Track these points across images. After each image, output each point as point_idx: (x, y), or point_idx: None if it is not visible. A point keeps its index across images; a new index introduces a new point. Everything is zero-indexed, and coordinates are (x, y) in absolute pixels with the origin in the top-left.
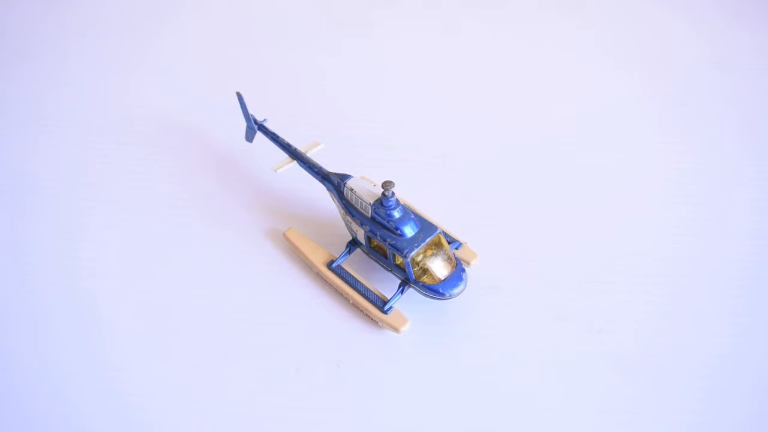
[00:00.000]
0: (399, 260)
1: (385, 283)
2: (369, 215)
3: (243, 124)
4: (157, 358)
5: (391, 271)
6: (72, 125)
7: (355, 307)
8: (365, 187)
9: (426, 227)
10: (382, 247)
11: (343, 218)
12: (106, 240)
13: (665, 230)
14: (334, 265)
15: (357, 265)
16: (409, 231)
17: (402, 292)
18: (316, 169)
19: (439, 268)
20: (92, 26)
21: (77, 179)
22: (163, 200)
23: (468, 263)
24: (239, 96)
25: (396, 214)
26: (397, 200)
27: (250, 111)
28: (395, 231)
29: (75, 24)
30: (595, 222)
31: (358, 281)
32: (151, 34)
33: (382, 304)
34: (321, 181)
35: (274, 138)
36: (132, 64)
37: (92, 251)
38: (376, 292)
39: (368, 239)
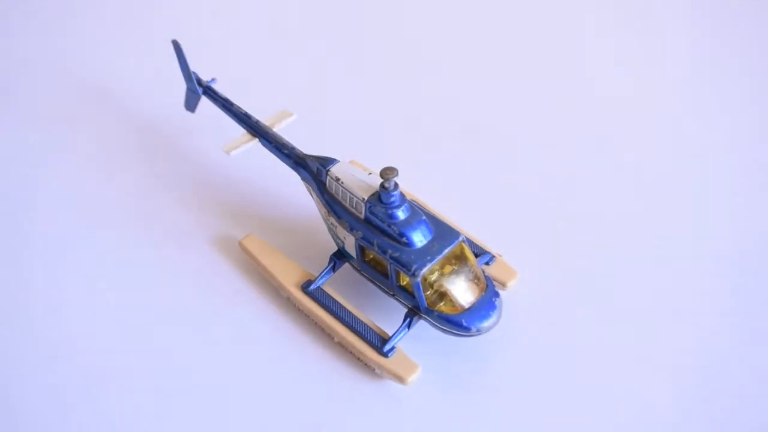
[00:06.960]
0: (405, 280)
1: (386, 313)
2: (362, 216)
3: (182, 87)
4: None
5: (393, 295)
6: None
7: (342, 347)
8: (357, 175)
9: (443, 233)
10: (381, 262)
11: (326, 220)
12: None
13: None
14: (312, 287)
15: (345, 287)
16: (418, 238)
17: (409, 325)
18: (286, 151)
19: (462, 291)
20: None
21: None
22: (67, 197)
23: (504, 285)
24: (176, 46)
25: (400, 214)
26: (401, 195)
27: (192, 68)
28: (399, 238)
29: None
30: (672, 235)
31: (347, 310)
32: None
33: (381, 344)
34: (293, 168)
35: (226, 106)
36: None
37: None
38: (372, 326)
39: (361, 250)
